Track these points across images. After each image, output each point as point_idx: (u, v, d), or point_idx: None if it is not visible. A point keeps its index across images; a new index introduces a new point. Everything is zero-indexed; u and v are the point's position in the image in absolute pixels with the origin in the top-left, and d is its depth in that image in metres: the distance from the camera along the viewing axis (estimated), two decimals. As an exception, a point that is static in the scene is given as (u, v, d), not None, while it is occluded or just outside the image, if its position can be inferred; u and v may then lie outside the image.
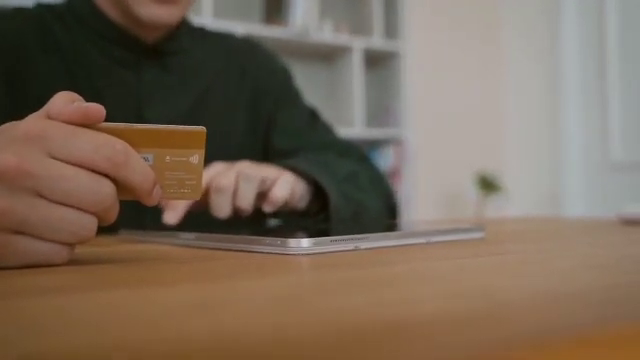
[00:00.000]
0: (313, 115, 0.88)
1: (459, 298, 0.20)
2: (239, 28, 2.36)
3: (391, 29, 2.77)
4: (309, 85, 2.76)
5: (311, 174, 0.65)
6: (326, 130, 0.87)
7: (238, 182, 0.57)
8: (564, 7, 3.05)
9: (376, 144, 2.80)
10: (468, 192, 3.06)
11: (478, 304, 0.19)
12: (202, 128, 0.35)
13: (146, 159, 0.34)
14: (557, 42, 3.08)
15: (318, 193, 0.67)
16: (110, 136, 0.32)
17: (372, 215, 0.71)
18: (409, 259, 0.33)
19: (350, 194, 0.69)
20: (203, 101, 0.80)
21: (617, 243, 0.40)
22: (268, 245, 0.37)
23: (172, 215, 0.57)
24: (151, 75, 0.76)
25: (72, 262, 0.34)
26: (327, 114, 2.79)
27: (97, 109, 0.32)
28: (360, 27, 2.81)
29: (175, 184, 0.35)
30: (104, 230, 0.63)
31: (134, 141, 0.34)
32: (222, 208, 0.57)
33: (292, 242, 0.35)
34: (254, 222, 0.64)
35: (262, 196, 0.61)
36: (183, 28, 0.80)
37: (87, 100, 0.75)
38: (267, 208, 0.60)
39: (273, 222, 0.65)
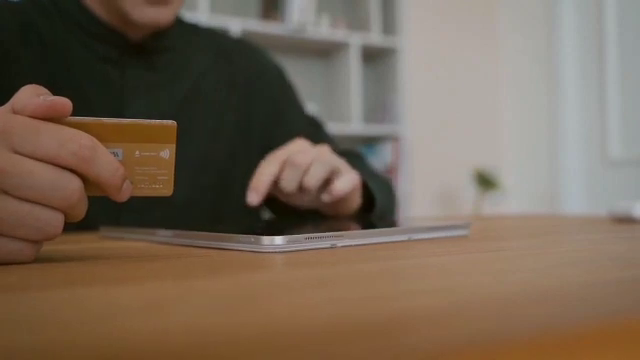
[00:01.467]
0: (315, 124, 0.89)
1: (421, 296, 0.19)
2: (235, 24, 2.35)
3: (389, 25, 2.76)
4: (306, 81, 2.75)
5: (372, 190, 0.69)
6: (328, 137, 0.88)
7: (312, 163, 0.59)
8: (562, 2, 3.03)
9: (374, 140, 2.79)
10: (466, 189, 3.06)
11: (438, 302, 0.18)
12: (172, 122, 0.34)
13: (115, 154, 0.33)
14: (555, 38, 3.07)
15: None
16: (77, 131, 0.31)
17: (388, 217, 0.75)
18: (383, 257, 0.32)
19: (386, 202, 0.73)
20: (190, 100, 0.78)
21: (601, 240, 0.39)
22: (242, 243, 0.36)
23: (254, 196, 0.59)
24: (135, 73, 0.74)
25: (39, 259, 0.33)
26: (324, 110, 2.78)
27: (63, 103, 0.31)
28: (357, 23, 2.80)
29: (146, 179, 0.34)
30: (84, 227, 0.63)
31: (102, 135, 0.33)
32: (291, 182, 0.59)
33: (265, 240, 0.34)
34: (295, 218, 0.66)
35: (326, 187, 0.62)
36: (172, 25, 0.79)
37: (69, 96, 0.75)
38: (325, 198, 0.61)
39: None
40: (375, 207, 0.69)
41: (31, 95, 0.31)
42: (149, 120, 0.34)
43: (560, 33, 3.05)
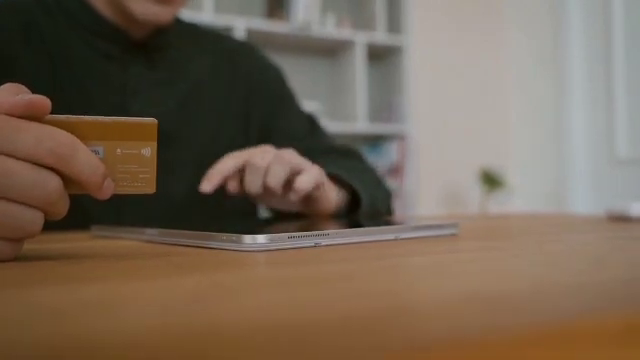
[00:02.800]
0: (311, 121, 0.88)
1: (369, 298, 0.19)
2: (240, 23, 2.35)
3: (394, 24, 2.75)
4: (311, 80, 2.75)
5: (352, 183, 0.69)
6: (325, 135, 0.88)
7: (271, 164, 0.60)
8: (569, 1, 3.01)
9: (379, 140, 2.79)
10: (471, 188, 3.04)
11: (384, 304, 0.18)
12: (153, 120, 0.34)
13: (96, 152, 0.33)
14: (562, 36, 3.05)
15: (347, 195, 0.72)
16: (55, 129, 0.31)
17: (380, 215, 0.74)
18: (365, 256, 0.31)
19: (374, 198, 0.73)
20: (191, 98, 0.79)
21: (589, 240, 0.39)
22: (225, 241, 0.36)
23: (206, 184, 0.60)
24: (137, 70, 0.75)
25: (19, 258, 0.33)
26: (330, 109, 2.78)
27: (42, 101, 0.31)
28: (363, 22, 2.79)
29: (128, 177, 0.34)
30: (77, 226, 0.63)
31: (83, 133, 0.33)
32: (253, 183, 0.60)
33: (247, 238, 0.34)
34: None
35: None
36: (172, 24, 0.79)
37: (71, 92, 0.75)
38: (292, 197, 0.61)
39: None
40: (361, 205, 0.69)
41: (9, 93, 0.31)
42: (129, 118, 0.34)
43: (567, 32, 3.03)
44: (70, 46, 0.72)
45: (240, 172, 0.62)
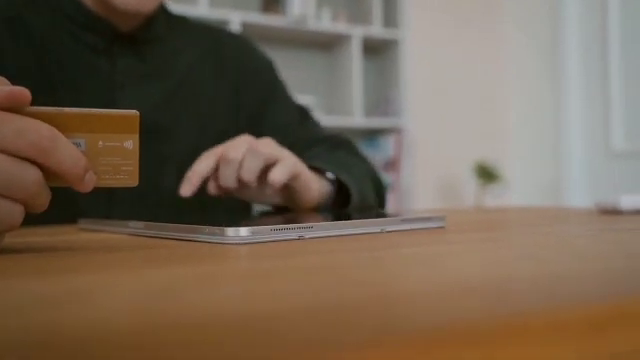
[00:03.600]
0: (302, 111, 0.88)
1: (352, 288, 0.19)
2: (236, 17, 2.34)
3: (390, 17, 2.74)
4: (307, 75, 2.74)
5: (340, 177, 0.68)
6: (316, 125, 0.87)
7: (245, 156, 0.58)
8: (566, -6, 3.01)
9: (375, 134, 2.78)
10: (468, 182, 3.05)
11: (367, 294, 0.18)
12: (135, 112, 0.34)
13: (77, 144, 0.33)
14: (559, 29, 3.05)
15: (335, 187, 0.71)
16: (36, 121, 0.31)
17: (371, 206, 0.74)
18: (346, 248, 0.31)
19: (365, 190, 0.72)
20: (179, 91, 0.78)
21: (575, 233, 0.39)
22: (208, 234, 0.35)
23: (187, 188, 0.59)
24: (125, 63, 0.74)
25: (5, 250, 0.33)
26: (326, 104, 2.77)
27: (22, 92, 0.31)
28: (359, 15, 2.78)
29: (110, 170, 0.34)
30: (65, 219, 0.63)
31: (64, 126, 0.32)
32: (228, 178, 0.59)
33: (230, 231, 0.34)
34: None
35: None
36: (160, 16, 0.79)
37: (60, 86, 0.74)
38: (268, 190, 0.61)
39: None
40: (351, 198, 0.68)
41: (-11, 85, 0.31)
42: (111, 110, 0.33)
43: (564, 25, 3.02)
44: (57, 39, 0.72)
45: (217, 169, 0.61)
